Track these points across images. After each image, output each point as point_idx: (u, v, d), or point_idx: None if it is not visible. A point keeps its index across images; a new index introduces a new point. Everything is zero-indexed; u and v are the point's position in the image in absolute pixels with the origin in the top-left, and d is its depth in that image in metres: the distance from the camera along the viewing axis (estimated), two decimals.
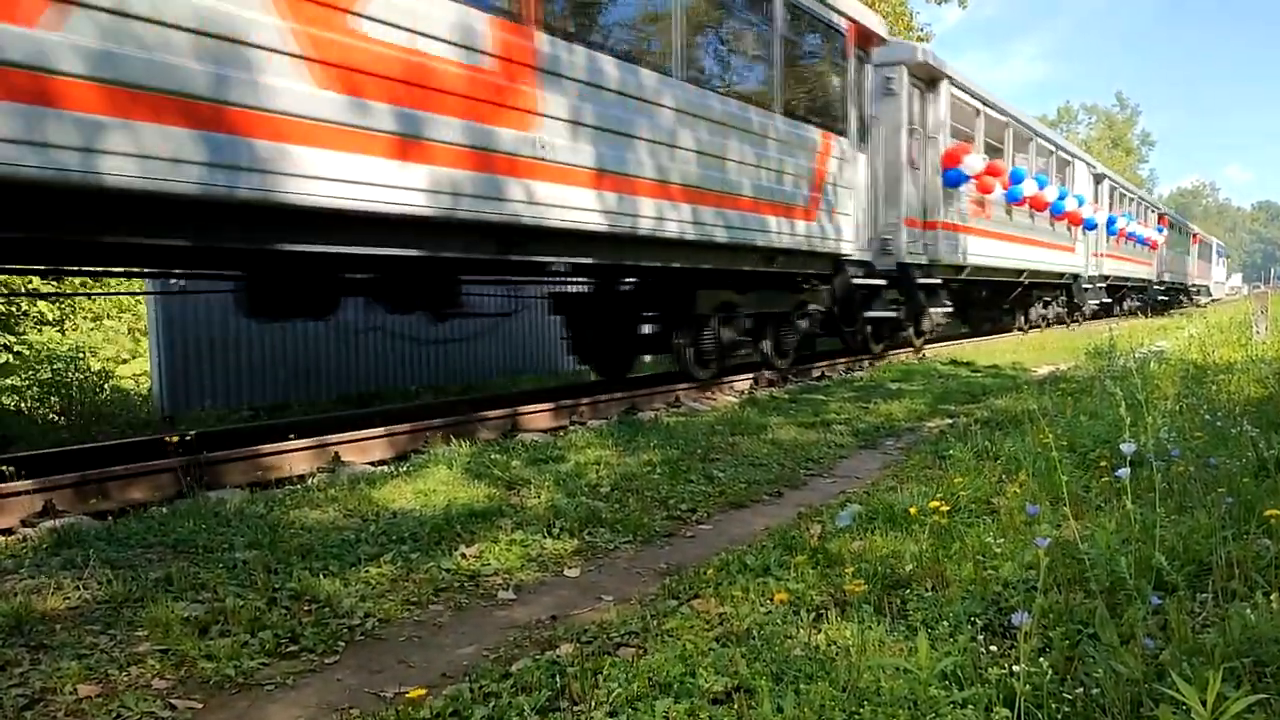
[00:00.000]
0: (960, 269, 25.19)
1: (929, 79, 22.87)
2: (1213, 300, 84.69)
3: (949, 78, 23.54)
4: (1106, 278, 43.56)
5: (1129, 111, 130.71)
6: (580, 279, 16.59)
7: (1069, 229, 35.58)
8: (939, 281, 23.35)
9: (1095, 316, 43.72)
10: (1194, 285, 75.89)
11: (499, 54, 9.79)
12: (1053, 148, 35.08)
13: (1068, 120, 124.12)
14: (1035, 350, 23.73)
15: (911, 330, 23.64)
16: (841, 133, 17.98)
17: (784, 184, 15.86)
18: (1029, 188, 28.49)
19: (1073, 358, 20.08)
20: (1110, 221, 40.01)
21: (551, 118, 10.58)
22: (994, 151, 28.12)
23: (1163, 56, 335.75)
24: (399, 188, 8.84)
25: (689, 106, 13.16)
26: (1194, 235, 76.74)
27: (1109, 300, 45.59)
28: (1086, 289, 40.36)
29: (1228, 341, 17.40)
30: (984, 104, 27.03)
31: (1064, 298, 39.49)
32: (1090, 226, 36.25)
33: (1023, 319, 35.82)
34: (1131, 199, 49.03)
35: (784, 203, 15.83)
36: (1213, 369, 12.45)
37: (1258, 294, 24.64)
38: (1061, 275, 36.50)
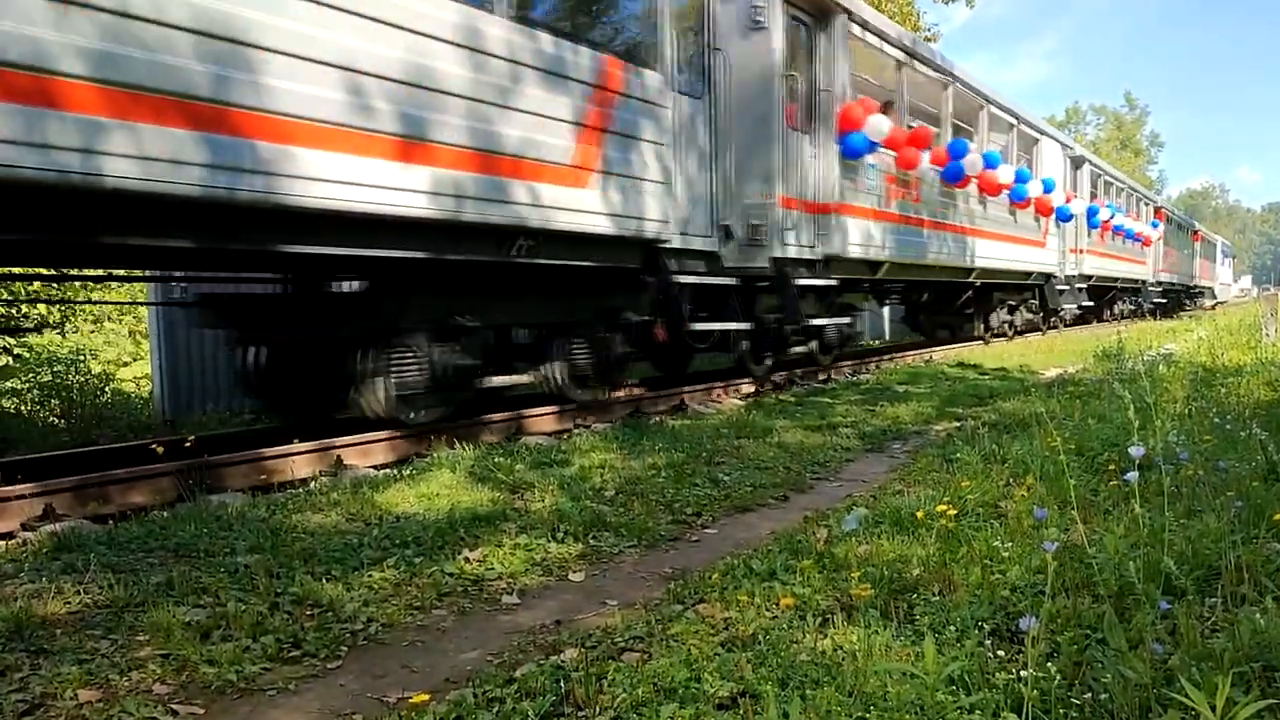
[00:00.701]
0: (875, 266, 19.81)
1: (818, 12, 17.18)
2: (1217, 304, 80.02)
3: (847, 11, 17.70)
4: (1089, 278, 37.59)
5: (1138, 112, 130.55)
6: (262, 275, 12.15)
7: (1038, 220, 29.80)
8: (834, 283, 17.86)
9: (1079, 321, 39.65)
10: (1196, 287, 71.84)
11: None
12: (1013, 120, 28.45)
13: (1076, 121, 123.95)
14: (1043, 353, 23.69)
15: (815, 345, 18.54)
16: (644, 63, 12.58)
17: (530, 133, 10.55)
18: (973, 164, 22.06)
19: (1081, 360, 20.08)
20: (1091, 213, 35.76)
21: None
22: (929, 120, 23.00)
23: (1172, 57, 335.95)
24: None
25: None
26: (1194, 232, 71.69)
27: (1090, 303, 38.89)
28: (1062, 290, 34.35)
29: (1237, 344, 17.40)
30: (909, 54, 21.26)
31: (1035, 301, 33.25)
32: (1064, 217, 30.54)
33: (982, 326, 30.43)
34: (1121, 189, 44.71)
35: (532, 159, 10.57)
36: (1222, 372, 12.47)
37: (1268, 296, 23.89)
38: (1029, 275, 30.63)
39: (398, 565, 5.98)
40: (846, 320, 19.58)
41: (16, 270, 10.06)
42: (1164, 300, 54.83)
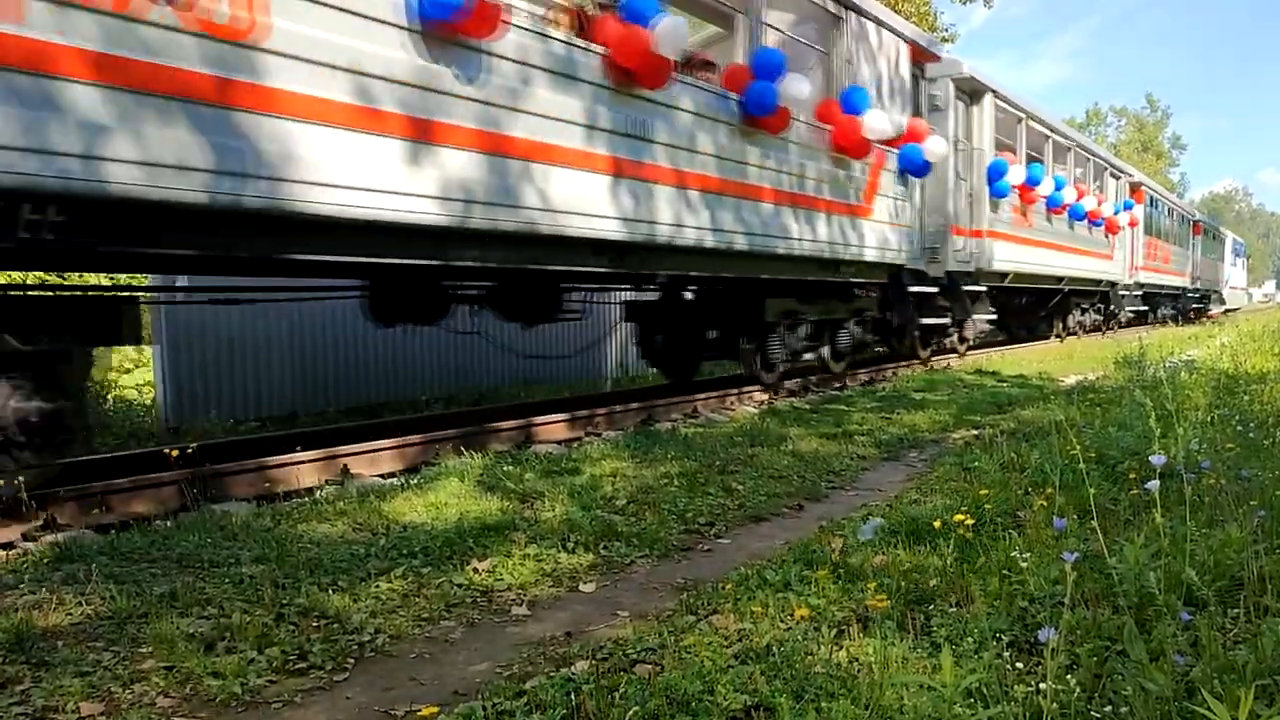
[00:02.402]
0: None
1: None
2: (1226, 310, 70.29)
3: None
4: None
5: (1159, 114, 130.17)
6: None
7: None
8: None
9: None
10: (1197, 289, 59.50)
11: None
12: (1087, 155, 35.71)
13: (1097, 123, 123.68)
14: (1063, 359, 23.71)
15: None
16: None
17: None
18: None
19: (1101, 367, 20.05)
20: (994, 173, 23.81)
21: None
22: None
23: (1195, 57, 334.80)
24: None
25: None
26: (1195, 224, 59.83)
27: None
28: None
29: (1260, 350, 17.36)
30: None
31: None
32: (999, 193, 24.02)
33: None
34: (1085, 155, 34.83)
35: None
36: (1245, 379, 12.43)
37: None
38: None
39: (405, 576, 5.99)
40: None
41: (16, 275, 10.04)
42: (1143, 306, 45.51)
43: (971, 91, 23.48)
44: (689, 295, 17.77)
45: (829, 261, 16.65)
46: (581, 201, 10.75)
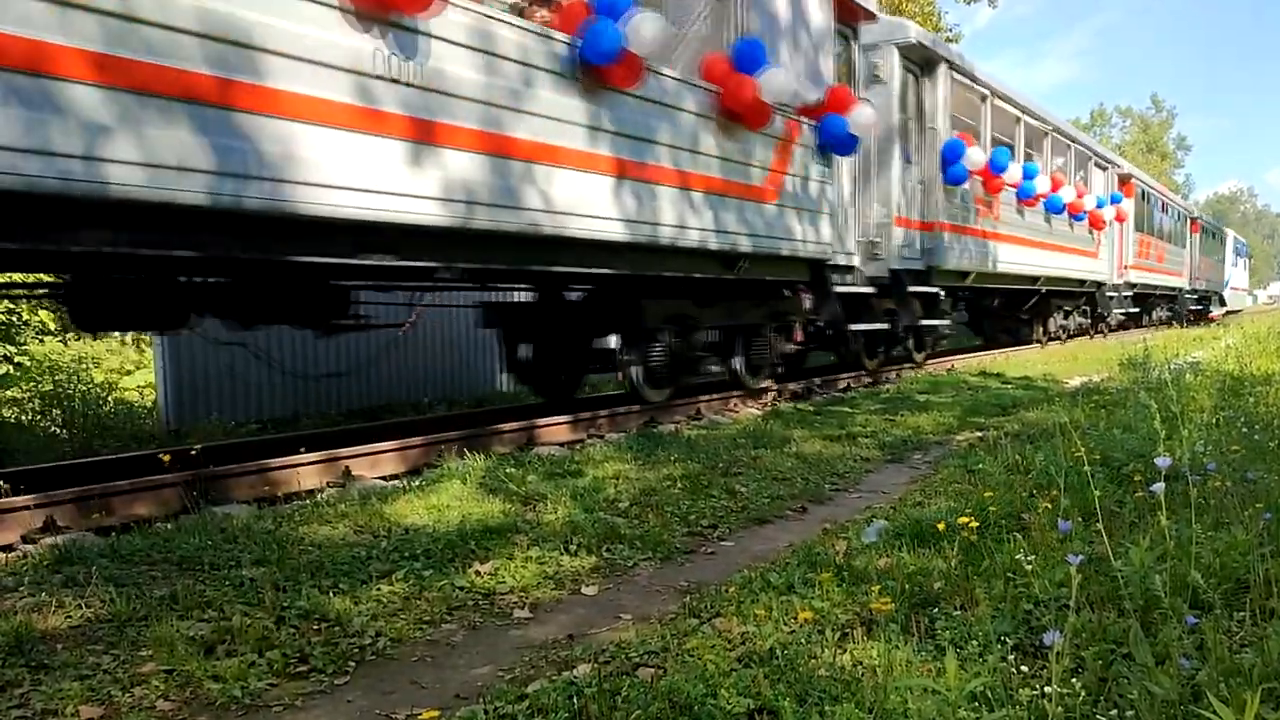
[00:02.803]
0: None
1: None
2: (1228, 312, 66.96)
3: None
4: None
5: (1164, 114, 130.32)
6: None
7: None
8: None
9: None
10: (1195, 291, 57.52)
11: None
12: (1068, 142, 32.43)
13: (1101, 123, 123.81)
14: (1067, 361, 23.66)
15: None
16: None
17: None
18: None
19: (1105, 369, 20.04)
20: (951, 156, 21.48)
21: None
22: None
23: (1201, 57, 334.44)
24: None
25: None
26: (1193, 221, 57.16)
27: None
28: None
29: (1266, 352, 17.35)
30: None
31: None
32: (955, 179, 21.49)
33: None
34: (1066, 142, 32.05)
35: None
36: (1250, 380, 12.42)
37: None
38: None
39: (407, 578, 5.99)
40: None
41: (17, 276, 10.01)
42: (1135, 308, 42.82)
43: (922, 62, 20.90)
44: (574, 296, 15.23)
45: (719, 255, 14.00)
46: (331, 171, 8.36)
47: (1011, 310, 31.78)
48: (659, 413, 14.18)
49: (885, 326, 19.39)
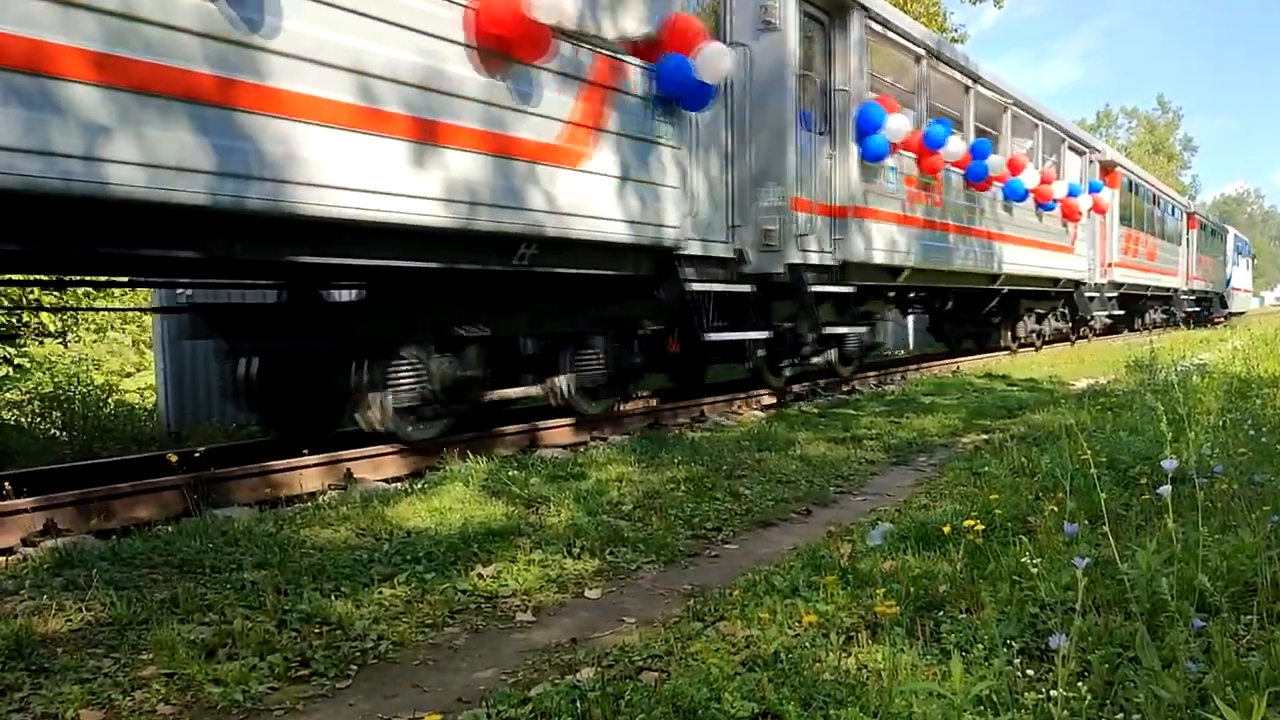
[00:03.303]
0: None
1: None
2: (1229, 315, 63.18)
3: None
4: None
5: (1171, 116, 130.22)
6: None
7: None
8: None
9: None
10: (1193, 291, 53.27)
11: None
12: (1035, 120, 27.46)
13: (1107, 125, 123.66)
14: (1073, 363, 23.67)
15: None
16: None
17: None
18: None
19: (1112, 371, 20.05)
20: (866, 125, 17.39)
21: None
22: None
23: (1208, 57, 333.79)
24: None
25: None
26: (1190, 216, 52.67)
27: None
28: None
29: (1273, 354, 17.34)
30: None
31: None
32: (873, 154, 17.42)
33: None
34: (1032, 120, 27.37)
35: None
36: (1258, 383, 12.41)
37: None
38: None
39: (409, 582, 5.99)
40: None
41: (16, 277, 9.99)
42: (1120, 311, 37.64)
43: (831, 8, 16.58)
44: (345, 295, 12.56)
45: (482, 239, 9.94)
46: None
47: (971, 313, 27.90)
48: (663, 415, 14.14)
49: (761, 335, 15.00)
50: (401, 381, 10.59)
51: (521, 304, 11.96)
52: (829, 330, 17.05)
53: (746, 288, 14.52)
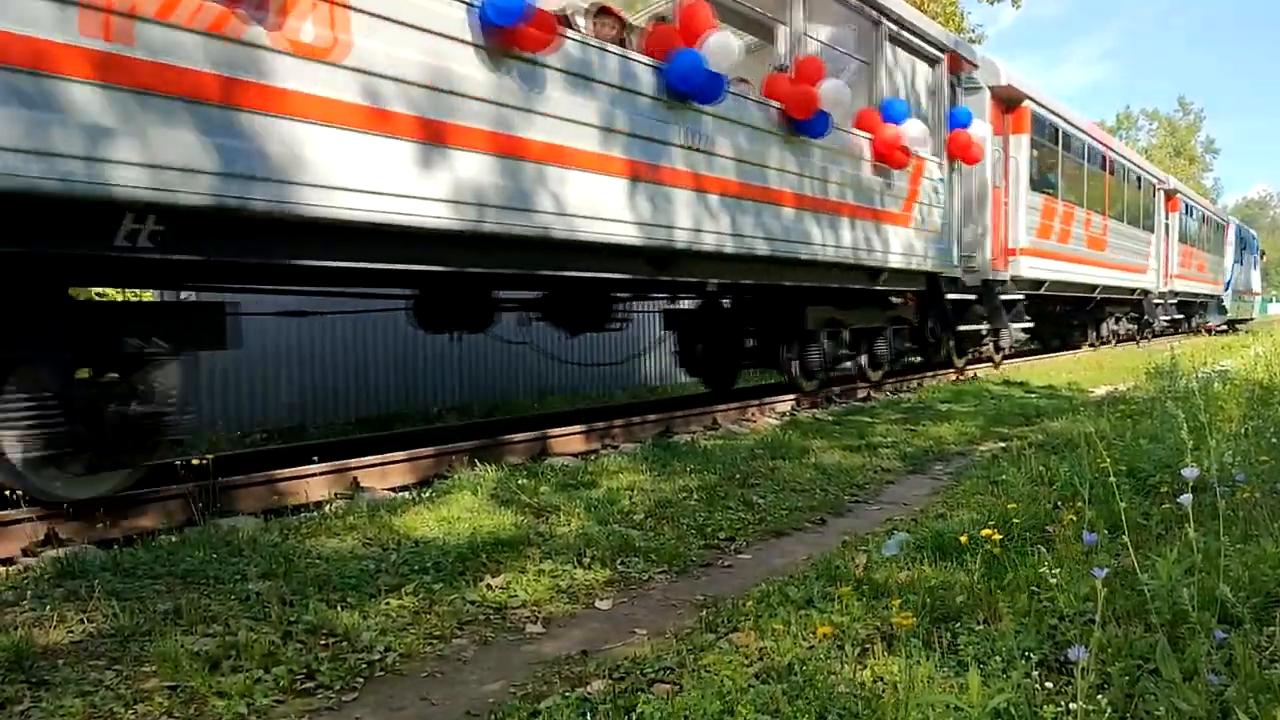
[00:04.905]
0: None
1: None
2: (1230, 322, 56.40)
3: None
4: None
5: (1192, 117, 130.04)
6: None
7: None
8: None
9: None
10: (1175, 294, 44.05)
11: None
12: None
13: (1128, 126, 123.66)
14: (1092, 370, 23.62)
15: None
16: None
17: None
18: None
19: (1131, 378, 20.01)
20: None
21: None
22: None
23: (1230, 59, 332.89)
24: None
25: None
26: (1170, 197, 42.60)
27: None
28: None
29: None
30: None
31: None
32: None
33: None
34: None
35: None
36: None
37: None
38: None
39: (416, 592, 5.98)
40: (1030, 324, 26.46)
41: None
42: (1031, 323, 27.55)
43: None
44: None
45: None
46: None
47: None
48: (675, 422, 14.20)
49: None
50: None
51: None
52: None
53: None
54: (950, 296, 21.00)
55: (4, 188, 6.20)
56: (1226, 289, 56.53)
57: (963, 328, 22.14)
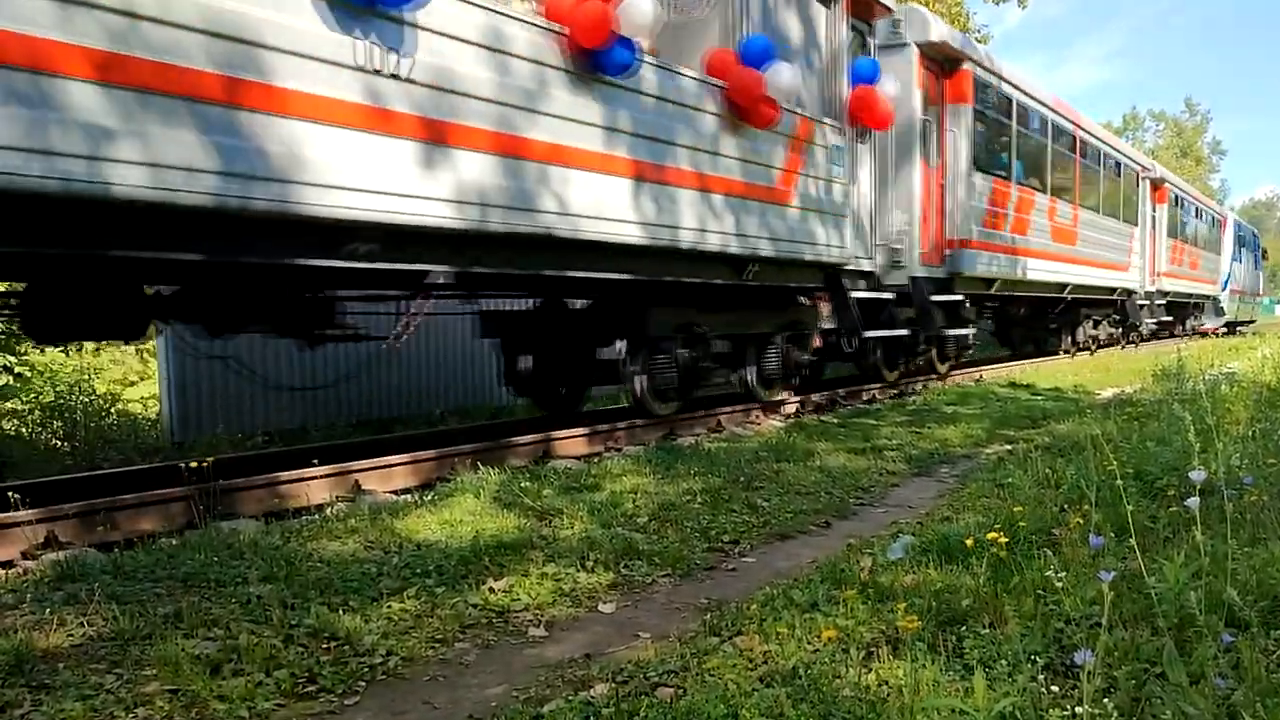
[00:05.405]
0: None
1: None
2: (1230, 326, 53.44)
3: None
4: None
5: (1199, 118, 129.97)
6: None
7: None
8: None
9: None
10: (1163, 293, 39.76)
11: None
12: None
13: (1134, 128, 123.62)
14: (1099, 372, 23.58)
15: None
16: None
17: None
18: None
19: (1138, 380, 20.00)
20: None
21: None
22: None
23: (1237, 58, 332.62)
24: None
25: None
26: (1157, 187, 38.54)
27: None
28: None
29: None
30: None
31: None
32: None
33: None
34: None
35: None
36: None
37: None
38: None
39: (418, 596, 5.99)
40: (971, 331, 22.01)
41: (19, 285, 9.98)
42: (966, 332, 22.61)
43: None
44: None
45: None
46: None
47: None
48: (678, 425, 14.16)
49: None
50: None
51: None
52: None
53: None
54: (858, 295, 17.03)
55: None
56: (1223, 289, 53.17)
57: (873, 334, 17.40)
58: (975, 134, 20.86)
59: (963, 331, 21.52)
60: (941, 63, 20.05)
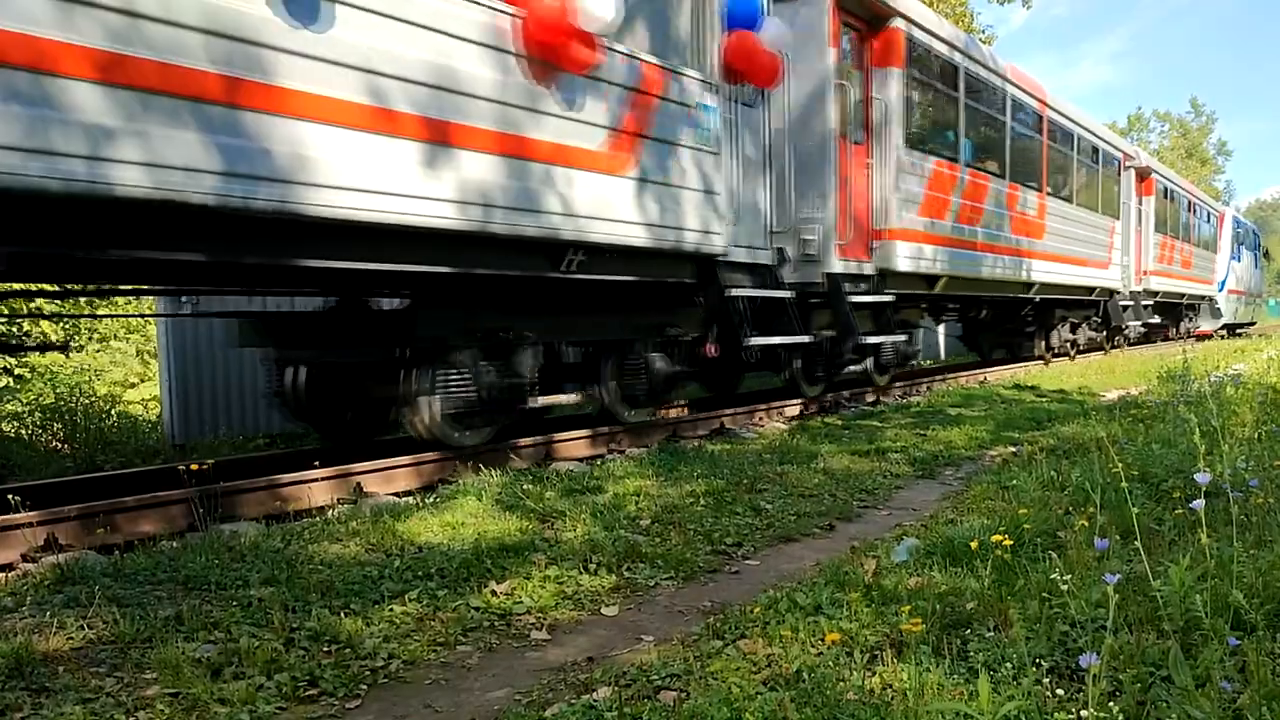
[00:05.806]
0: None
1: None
2: (1227, 328, 49.17)
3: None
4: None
5: (1204, 119, 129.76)
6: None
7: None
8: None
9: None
10: (1150, 293, 36.91)
11: None
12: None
13: (1139, 128, 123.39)
14: (1103, 374, 23.58)
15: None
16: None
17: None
18: None
19: (1143, 382, 20.01)
20: None
21: None
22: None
23: (1242, 59, 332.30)
24: None
25: None
26: (1144, 178, 36.17)
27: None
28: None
29: None
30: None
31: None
32: None
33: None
34: None
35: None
36: None
37: None
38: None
39: (420, 598, 5.99)
40: (903, 338, 18.77)
41: (17, 285, 10.00)
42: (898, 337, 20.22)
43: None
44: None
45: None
46: None
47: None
48: (681, 427, 14.13)
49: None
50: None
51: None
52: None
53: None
54: (742, 293, 13.86)
55: None
56: (1221, 289, 50.47)
57: (755, 341, 13.94)
58: (910, 105, 17.98)
59: (894, 339, 18.43)
60: (868, 20, 17.09)
